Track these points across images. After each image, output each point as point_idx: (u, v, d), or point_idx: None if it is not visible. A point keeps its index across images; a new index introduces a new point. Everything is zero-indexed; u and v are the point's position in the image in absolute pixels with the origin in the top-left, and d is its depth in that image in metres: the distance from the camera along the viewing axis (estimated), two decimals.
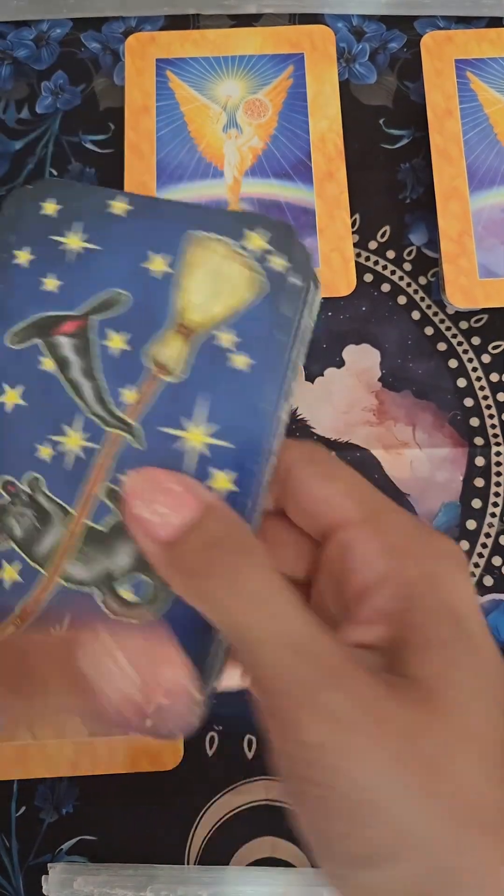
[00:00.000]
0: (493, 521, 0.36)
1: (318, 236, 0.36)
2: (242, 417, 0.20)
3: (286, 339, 0.21)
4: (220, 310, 0.21)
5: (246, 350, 0.21)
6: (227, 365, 0.21)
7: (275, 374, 0.21)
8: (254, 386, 0.20)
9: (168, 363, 0.21)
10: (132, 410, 0.21)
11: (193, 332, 0.21)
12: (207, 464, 0.20)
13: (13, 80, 0.40)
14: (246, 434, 0.20)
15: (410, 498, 0.36)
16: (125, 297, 0.21)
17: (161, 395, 0.21)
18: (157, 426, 0.20)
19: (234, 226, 0.21)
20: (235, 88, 0.38)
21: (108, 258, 0.21)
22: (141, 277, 0.21)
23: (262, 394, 0.20)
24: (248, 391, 0.20)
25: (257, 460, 0.20)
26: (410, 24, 0.41)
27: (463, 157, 0.37)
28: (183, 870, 0.32)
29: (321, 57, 0.38)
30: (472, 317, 0.38)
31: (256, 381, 0.21)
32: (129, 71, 0.38)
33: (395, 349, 0.37)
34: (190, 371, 0.21)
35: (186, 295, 0.21)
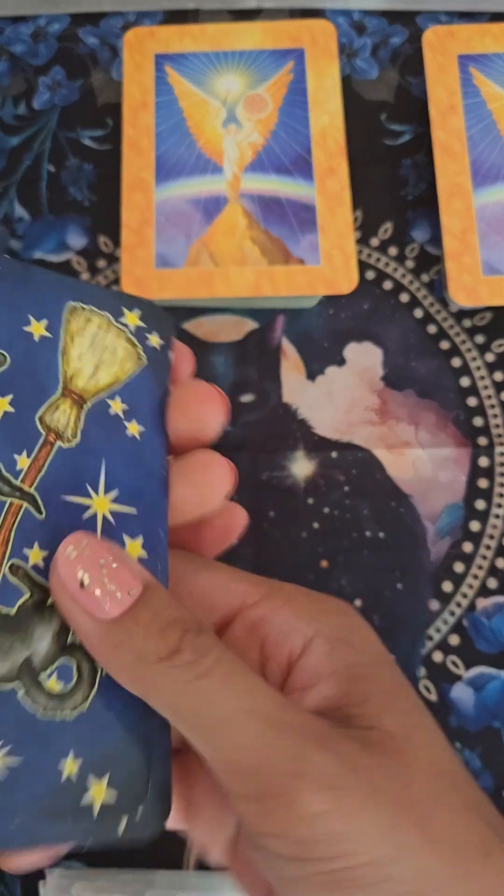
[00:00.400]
0: (497, 523, 0.35)
1: (320, 233, 0.35)
2: (139, 482, 0.21)
3: (164, 403, 0.22)
4: (106, 378, 0.22)
5: (135, 417, 0.21)
6: (122, 432, 0.21)
7: (161, 439, 0.22)
8: (146, 451, 0.21)
9: (60, 428, 0.21)
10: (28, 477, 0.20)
11: (83, 398, 0.21)
12: (114, 531, 0.20)
13: (10, 76, 0.40)
14: (145, 498, 0.21)
15: (413, 499, 0.35)
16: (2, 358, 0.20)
17: (54, 460, 0.20)
18: (58, 494, 0.20)
19: (112, 303, 0.22)
20: (235, 83, 0.38)
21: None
22: (21, 340, 0.21)
23: (154, 458, 0.21)
24: (142, 456, 0.21)
25: (159, 523, 0.21)
26: (412, 18, 0.41)
27: (466, 153, 0.37)
28: (181, 875, 0.32)
29: (322, 52, 0.38)
30: (476, 315, 0.38)
31: (147, 446, 0.21)
32: (127, 66, 0.38)
33: (397, 348, 0.37)
34: (81, 437, 0.21)
35: (73, 362, 0.21)
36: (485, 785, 0.33)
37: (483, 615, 0.35)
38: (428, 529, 0.35)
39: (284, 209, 0.36)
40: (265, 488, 0.35)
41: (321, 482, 0.36)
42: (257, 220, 0.36)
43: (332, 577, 0.35)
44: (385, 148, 0.39)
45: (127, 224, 0.35)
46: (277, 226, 0.35)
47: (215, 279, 0.35)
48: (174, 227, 0.35)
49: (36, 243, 0.38)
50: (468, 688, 0.34)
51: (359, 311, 0.38)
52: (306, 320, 0.37)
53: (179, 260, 0.35)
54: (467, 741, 0.33)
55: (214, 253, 0.35)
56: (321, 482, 0.36)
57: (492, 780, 0.33)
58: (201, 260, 0.35)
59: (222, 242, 0.35)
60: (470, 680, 0.34)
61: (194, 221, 0.35)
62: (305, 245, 0.35)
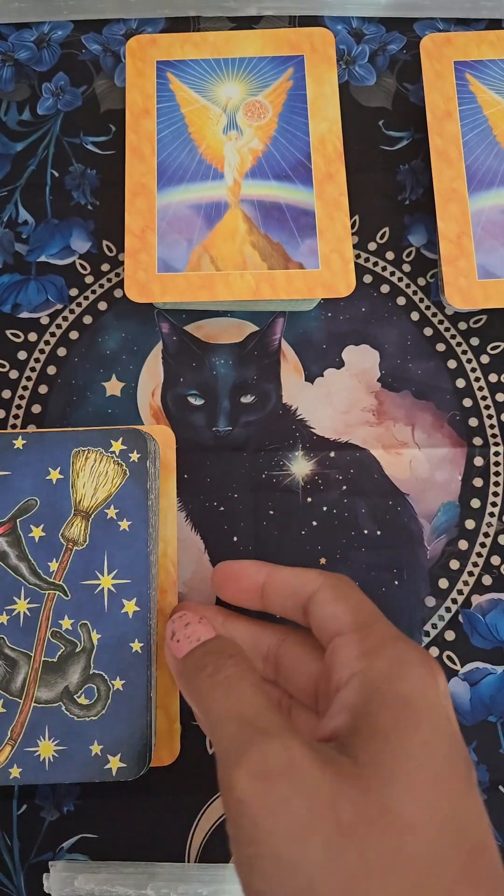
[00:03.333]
0: (491, 521, 0.36)
1: (318, 238, 0.36)
2: (131, 561, 0.31)
3: (145, 501, 0.32)
4: (102, 495, 0.32)
5: (125, 516, 0.32)
6: (116, 529, 0.31)
7: (145, 526, 0.32)
8: (133, 539, 0.31)
9: (75, 538, 0.32)
10: (58, 575, 0.31)
11: (89, 514, 0.32)
12: (116, 597, 0.31)
13: (14, 82, 0.41)
14: (136, 571, 0.31)
15: (409, 498, 0.36)
16: (34, 502, 0.32)
17: (73, 560, 0.31)
18: (78, 581, 0.31)
19: (103, 439, 0.32)
20: (235, 90, 0.38)
21: (17, 478, 0.32)
22: (45, 486, 0.32)
23: (141, 542, 0.31)
24: (132, 543, 0.31)
25: (147, 586, 0.31)
26: (410, 25, 0.42)
27: (462, 158, 0.37)
28: (183, 868, 0.32)
29: (321, 59, 0.38)
30: (471, 318, 0.38)
31: (135, 535, 0.31)
32: (129, 73, 0.38)
33: (394, 350, 0.38)
34: (89, 539, 0.31)
35: (79, 490, 0.32)
36: (481, 779, 0.34)
37: (478, 611, 0.35)
38: (424, 527, 0.36)
39: (284, 214, 0.36)
40: (265, 487, 0.36)
41: (320, 481, 0.36)
42: (257, 225, 0.36)
43: None
44: (383, 153, 0.40)
45: (130, 229, 0.36)
46: (277, 231, 0.36)
47: (216, 283, 0.35)
48: (176, 231, 0.36)
49: (41, 247, 0.38)
50: (464, 683, 0.34)
51: (356, 314, 0.38)
52: (305, 323, 0.38)
53: (181, 264, 0.35)
54: (463, 735, 0.34)
55: (215, 257, 0.36)
56: (320, 481, 0.36)
57: (487, 774, 0.34)
58: (202, 264, 0.35)
59: (223, 247, 0.36)
60: (466, 675, 0.35)
61: (196, 226, 0.36)
62: (304, 249, 0.36)
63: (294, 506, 0.36)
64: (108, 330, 0.38)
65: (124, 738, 0.30)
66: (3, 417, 0.37)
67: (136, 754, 0.30)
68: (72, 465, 0.32)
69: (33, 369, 0.37)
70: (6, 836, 0.33)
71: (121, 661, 0.31)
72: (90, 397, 0.37)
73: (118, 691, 0.30)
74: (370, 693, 0.23)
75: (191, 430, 0.36)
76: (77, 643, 0.31)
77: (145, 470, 0.32)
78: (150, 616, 0.31)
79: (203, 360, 0.37)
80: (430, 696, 0.23)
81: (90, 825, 0.33)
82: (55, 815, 0.33)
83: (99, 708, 0.30)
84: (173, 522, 0.34)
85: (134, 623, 0.31)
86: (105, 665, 0.31)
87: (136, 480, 0.32)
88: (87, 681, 0.30)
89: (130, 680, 0.30)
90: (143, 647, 0.31)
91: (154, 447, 0.33)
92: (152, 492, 0.32)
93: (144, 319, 0.38)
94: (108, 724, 0.30)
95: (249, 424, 0.37)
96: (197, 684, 0.24)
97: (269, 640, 0.29)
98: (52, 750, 0.30)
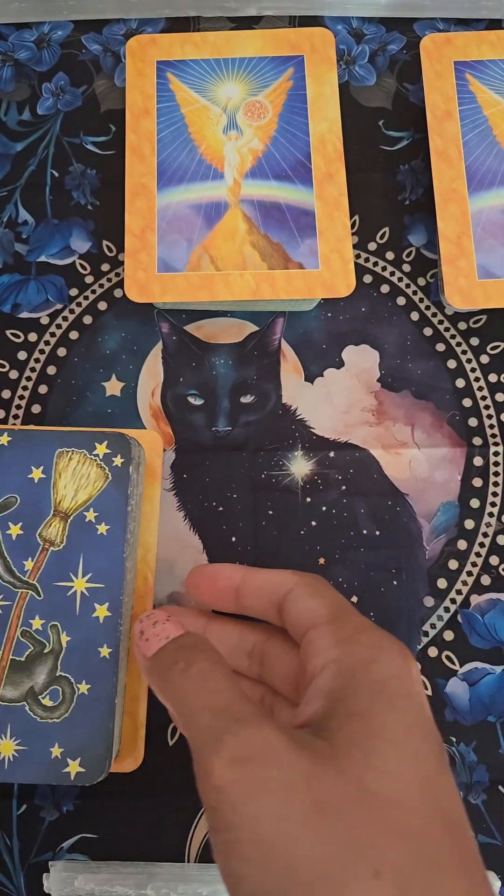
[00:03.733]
0: (490, 521, 0.36)
1: (318, 238, 0.36)
2: (107, 565, 0.31)
3: (125, 506, 0.32)
4: (83, 497, 0.32)
5: (104, 520, 0.31)
6: (94, 533, 0.31)
7: (123, 532, 0.31)
8: (110, 543, 0.31)
9: (52, 538, 0.31)
10: (32, 574, 0.31)
11: (68, 515, 0.31)
12: (88, 601, 0.31)
13: (14, 82, 0.41)
14: (111, 576, 0.31)
15: (409, 497, 0.36)
16: (14, 499, 0.32)
17: (48, 560, 0.31)
18: (51, 581, 0.31)
19: (88, 441, 0.32)
20: (235, 90, 0.38)
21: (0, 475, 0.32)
22: (27, 484, 0.32)
23: (117, 547, 0.31)
24: (108, 547, 0.31)
25: (120, 592, 0.31)
26: (410, 26, 0.42)
27: (462, 158, 0.37)
28: (183, 868, 0.32)
29: (321, 59, 0.38)
30: (471, 318, 0.38)
31: (112, 539, 0.31)
32: (129, 73, 0.38)
33: (394, 350, 0.38)
34: (66, 541, 0.31)
35: (60, 491, 0.32)
36: (480, 779, 0.34)
37: (477, 611, 0.35)
38: (423, 527, 0.36)
39: (284, 214, 0.36)
40: (264, 487, 0.36)
41: (319, 481, 0.36)
42: (257, 226, 0.36)
43: (330, 574, 0.35)
44: (383, 153, 0.40)
45: (130, 229, 0.36)
46: (277, 231, 0.36)
47: (216, 283, 0.35)
48: (176, 232, 0.36)
49: (41, 247, 0.39)
50: (463, 683, 0.35)
51: (356, 314, 0.38)
52: (305, 323, 0.38)
53: (181, 264, 0.35)
54: (462, 735, 0.34)
55: (215, 257, 0.36)
56: (319, 481, 0.36)
57: (487, 774, 0.34)
58: (202, 264, 0.35)
59: (223, 247, 0.36)
60: (465, 675, 0.35)
61: (195, 226, 0.36)
62: (304, 250, 0.36)
63: (293, 506, 0.36)
64: (108, 330, 0.38)
65: (85, 743, 0.30)
66: (2, 417, 0.37)
67: (95, 760, 0.30)
68: (55, 465, 0.32)
69: (33, 369, 0.37)
70: (6, 836, 0.33)
71: (88, 665, 0.30)
72: (90, 397, 0.37)
73: (83, 695, 0.30)
74: (346, 679, 0.23)
75: (190, 430, 0.36)
76: (46, 644, 0.31)
77: (127, 475, 0.32)
78: (120, 622, 0.31)
79: (203, 360, 0.37)
80: (405, 680, 0.23)
81: (90, 825, 0.33)
82: (55, 815, 0.33)
83: (62, 711, 0.30)
84: (155, 529, 0.34)
85: (104, 628, 0.31)
86: (72, 668, 0.30)
87: (117, 485, 0.32)
88: (53, 682, 0.30)
89: (96, 685, 0.30)
90: (112, 653, 0.30)
91: (139, 453, 0.33)
92: (133, 497, 0.32)
93: (144, 319, 0.38)
94: (71, 727, 0.30)
95: (249, 424, 0.37)
96: (169, 680, 0.24)
97: (254, 637, 0.30)
98: (13, 749, 0.30)
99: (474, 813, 0.34)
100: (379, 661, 0.23)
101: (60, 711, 0.30)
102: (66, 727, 0.30)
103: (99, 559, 0.31)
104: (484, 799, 0.34)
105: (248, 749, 0.21)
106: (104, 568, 0.31)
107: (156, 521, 0.35)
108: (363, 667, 0.23)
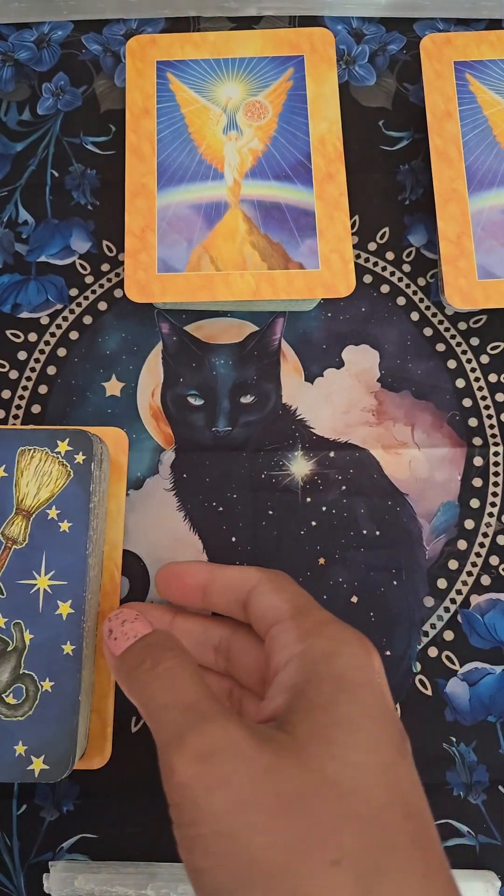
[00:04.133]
0: (490, 521, 0.36)
1: (318, 238, 0.36)
2: (69, 562, 0.31)
3: (87, 503, 0.31)
4: (45, 495, 0.32)
5: (66, 518, 0.31)
6: (57, 530, 0.31)
7: (86, 529, 0.31)
8: (73, 541, 0.31)
9: (15, 537, 0.31)
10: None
11: (30, 513, 0.31)
12: (51, 598, 0.31)
13: (14, 82, 0.41)
14: (73, 573, 0.31)
15: (409, 498, 0.36)
16: None
17: (11, 558, 0.31)
18: (14, 579, 0.31)
19: (50, 439, 0.32)
20: (235, 90, 0.38)
21: None
22: None
23: (80, 544, 0.31)
24: (71, 545, 0.31)
25: (83, 589, 0.31)
26: (410, 26, 0.42)
27: (462, 158, 0.37)
28: (183, 868, 0.32)
29: (321, 59, 0.38)
30: (471, 318, 0.38)
31: (74, 537, 0.31)
32: (129, 73, 0.38)
33: (394, 350, 0.38)
34: (29, 539, 0.31)
35: (22, 489, 0.32)
36: (480, 779, 0.34)
37: (477, 611, 0.35)
38: (423, 527, 0.36)
39: (284, 214, 0.36)
40: (264, 487, 0.36)
41: (319, 481, 0.36)
42: (257, 226, 0.36)
43: (329, 574, 0.35)
44: (382, 153, 0.40)
45: (130, 229, 0.36)
46: (277, 231, 0.36)
47: (216, 283, 0.35)
48: (176, 232, 0.36)
49: (41, 247, 0.39)
50: (463, 683, 0.35)
51: (356, 314, 0.38)
52: (305, 323, 0.38)
53: (181, 264, 0.35)
54: (462, 736, 0.34)
55: (215, 258, 0.36)
56: (319, 481, 0.36)
57: (487, 774, 0.34)
58: (202, 264, 0.36)
59: (223, 247, 0.36)
60: (465, 675, 0.35)
61: (196, 227, 0.36)
62: (305, 250, 0.36)
63: (293, 506, 0.36)
64: (108, 330, 0.38)
65: (49, 741, 0.30)
66: (2, 417, 0.37)
67: (60, 757, 0.30)
68: (17, 463, 0.32)
69: (33, 369, 0.37)
70: (6, 836, 0.33)
71: (52, 662, 0.30)
72: (90, 397, 0.37)
73: (47, 693, 0.30)
74: (308, 673, 0.24)
75: (190, 431, 0.36)
76: (9, 642, 0.31)
77: (90, 472, 0.32)
78: (83, 619, 0.31)
79: (203, 360, 0.37)
80: (366, 672, 0.24)
81: (90, 825, 0.33)
82: (55, 815, 0.33)
83: (26, 708, 0.30)
84: (121, 526, 0.35)
85: (67, 625, 0.31)
86: (35, 666, 0.30)
87: (79, 482, 0.32)
88: (17, 680, 0.30)
89: (60, 682, 0.30)
90: (75, 650, 0.30)
91: (101, 449, 0.33)
92: (96, 494, 0.32)
93: (144, 319, 0.38)
94: (35, 725, 0.30)
95: (249, 424, 0.37)
96: (137, 679, 0.25)
97: (221, 632, 0.30)
98: None
99: (474, 813, 0.34)
100: (341, 654, 0.24)
101: (24, 709, 0.30)
102: (29, 725, 0.30)
103: (62, 557, 0.31)
104: (484, 799, 0.34)
105: (210, 745, 0.21)
106: (67, 565, 0.31)
107: (122, 518, 0.35)
108: (325, 660, 0.24)
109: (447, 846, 0.33)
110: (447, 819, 0.33)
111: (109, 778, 0.33)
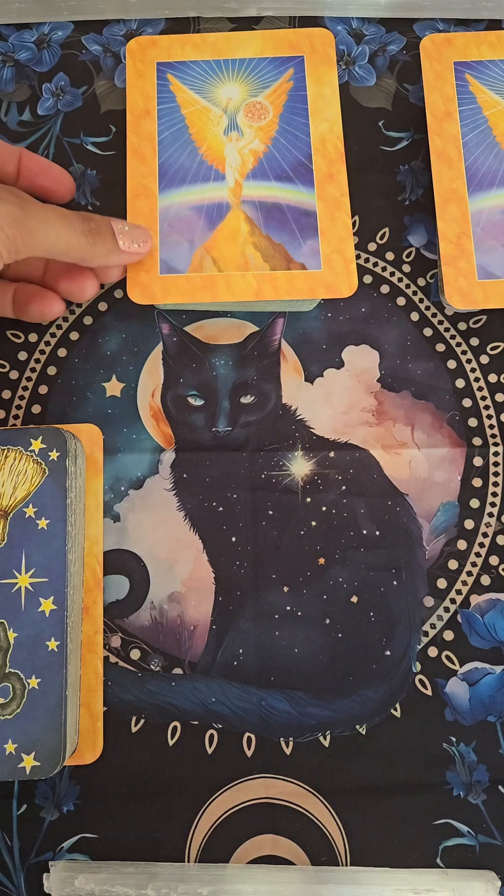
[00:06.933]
0: (490, 521, 0.36)
1: (320, 238, 0.36)
2: (49, 559, 0.32)
3: (64, 499, 0.32)
4: (21, 493, 0.32)
5: (43, 515, 0.32)
6: (35, 528, 0.32)
7: (64, 525, 0.32)
8: (51, 537, 0.32)
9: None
10: None
11: (7, 513, 0.32)
12: (33, 596, 0.31)
13: (15, 82, 0.41)
14: (54, 570, 0.32)
15: (409, 497, 0.36)
16: None
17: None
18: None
19: (24, 438, 0.33)
20: (236, 91, 0.38)
21: None
22: None
23: (58, 540, 0.32)
24: (50, 542, 0.32)
25: (64, 585, 0.32)
26: (410, 26, 0.42)
27: (462, 159, 0.37)
28: (183, 868, 0.32)
29: (321, 59, 0.38)
30: (471, 318, 0.38)
31: (53, 533, 0.32)
32: (129, 74, 0.38)
33: (394, 350, 0.38)
34: (7, 538, 0.32)
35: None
36: (480, 779, 0.34)
37: (477, 611, 0.35)
38: (423, 527, 0.36)
39: (286, 215, 0.36)
40: (264, 487, 0.36)
41: (319, 481, 0.36)
42: (259, 227, 0.36)
43: (329, 574, 0.35)
44: (383, 154, 0.40)
45: None
46: (279, 232, 0.36)
47: (218, 284, 0.35)
48: (177, 233, 0.36)
49: None
50: (463, 683, 0.35)
51: (356, 314, 0.38)
52: (305, 323, 0.38)
53: (183, 265, 0.35)
54: (462, 735, 0.34)
55: (217, 259, 0.36)
56: (319, 481, 0.36)
57: (487, 774, 0.34)
58: (204, 265, 0.36)
59: (225, 248, 0.36)
60: (464, 675, 0.35)
61: (197, 228, 0.36)
62: (306, 250, 0.36)
63: (293, 506, 0.36)
64: (109, 331, 0.38)
65: (39, 737, 0.30)
66: (3, 418, 0.37)
67: (50, 753, 0.30)
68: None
69: (33, 370, 0.37)
70: (6, 836, 0.33)
71: (37, 659, 0.31)
72: (90, 398, 0.37)
73: (33, 690, 0.30)
74: None
75: (190, 431, 0.37)
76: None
77: (65, 469, 0.32)
78: (66, 615, 0.31)
79: (203, 360, 0.37)
80: None
81: (90, 825, 0.33)
82: (55, 815, 0.33)
83: (14, 707, 0.30)
84: (100, 521, 0.35)
85: (50, 622, 0.31)
86: (21, 664, 0.31)
87: (55, 479, 0.32)
88: (3, 679, 0.31)
89: (46, 679, 0.31)
90: (59, 646, 0.31)
91: (75, 446, 0.34)
92: (72, 490, 0.33)
93: (144, 320, 0.38)
94: (23, 722, 0.30)
95: (249, 424, 0.37)
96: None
97: None
98: None
99: (474, 813, 0.34)
100: None
101: (12, 708, 0.30)
102: (18, 722, 0.30)
103: (41, 554, 0.32)
104: (484, 799, 0.34)
105: None
106: (47, 562, 0.32)
107: (101, 514, 0.35)
108: None
109: (447, 846, 0.33)
110: (447, 819, 0.33)
111: (110, 778, 0.33)
